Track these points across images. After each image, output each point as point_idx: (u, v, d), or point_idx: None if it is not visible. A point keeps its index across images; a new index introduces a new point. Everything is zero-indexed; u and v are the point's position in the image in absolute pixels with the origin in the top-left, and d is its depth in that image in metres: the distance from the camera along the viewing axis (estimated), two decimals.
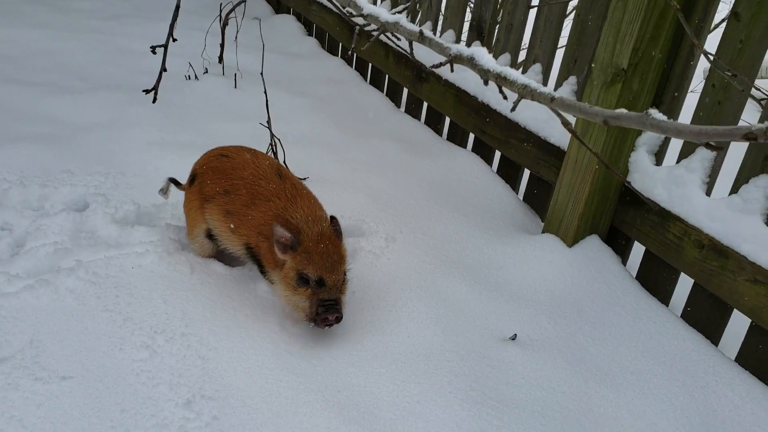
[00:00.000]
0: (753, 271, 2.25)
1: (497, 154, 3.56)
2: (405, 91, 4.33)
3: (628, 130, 2.61)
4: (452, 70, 1.23)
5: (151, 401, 1.87)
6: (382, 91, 4.49)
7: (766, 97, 1.98)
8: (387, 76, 4.41)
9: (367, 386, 2.05)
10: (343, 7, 1.47)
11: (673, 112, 2.60)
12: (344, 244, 2.23)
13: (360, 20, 3.59)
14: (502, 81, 1.09)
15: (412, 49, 1.46)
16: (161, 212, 2.72)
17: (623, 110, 0.95)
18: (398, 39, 1.91)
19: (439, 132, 3.99)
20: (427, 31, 1.32)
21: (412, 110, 4.21)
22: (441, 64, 1.23)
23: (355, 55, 4.80)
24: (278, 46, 5.13)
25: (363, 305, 2.40)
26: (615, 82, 2.51)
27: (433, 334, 2.33)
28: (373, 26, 1.69)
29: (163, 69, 1.83)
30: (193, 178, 2.44)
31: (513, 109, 1.15)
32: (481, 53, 1.15)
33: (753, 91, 4.90)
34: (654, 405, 2.18)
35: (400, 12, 1.41)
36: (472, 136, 3.71)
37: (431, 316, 2.40)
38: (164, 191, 2.56)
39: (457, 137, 3.82)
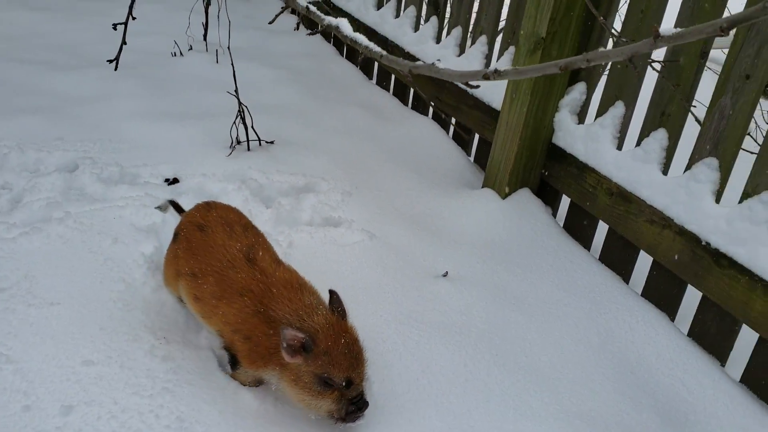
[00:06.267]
0: (650, 213, 2.59)
1: (453, 120, 3.89)
2: (376, 64, 4.65)
3: (550, 95, 2.93)
4: (331, 38, 1.50)
5: (125, 322, 2.25)
6: (357, 65, 4.82)
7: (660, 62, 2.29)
8: (360, 50, 4.73)
9: None
10: None
11: (592, 75, 2.93)
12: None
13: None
14: (353, 43, 1.43)
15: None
16: (142, 172, 3.08)
17: (420, 62, 1.29)
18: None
19: (405, 102, 4.32)
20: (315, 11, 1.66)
21: (383, 82, 4.54)
22: (317, 31, 1.57)
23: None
24: (262, 23, 5.46)
25: (313, 250, 2.75)
26: (536, 50, 2.83)
27: (374, 271, 2.68)
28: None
29: (124, 42, 2.16)
30: (175, 234, 2.27)
31: (358, 65, 1.49)
32: (343, 23, 1.49)
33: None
34: (560, 327, 2.53)
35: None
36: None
37: (373, 257, 2.75)
38: (163, 209, 2.69)
39: (420, 106, 4.15)
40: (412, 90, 4.24)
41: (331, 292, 2.03)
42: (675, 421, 2.23)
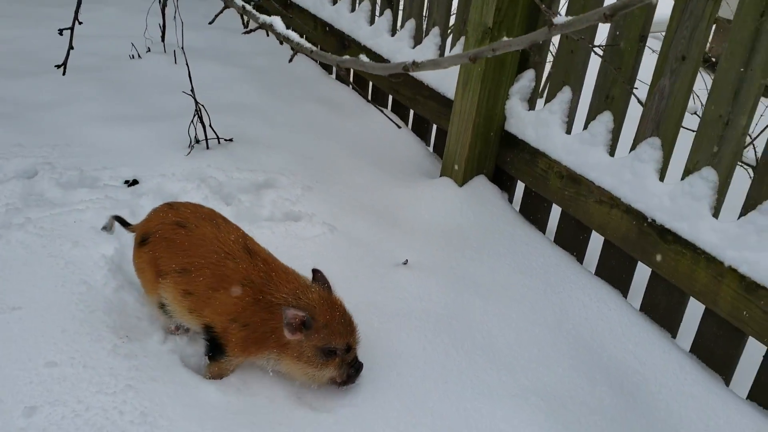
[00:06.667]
0: (598, 193, 2.68)
1: (411, 112, 3.95)
2: None
3: (500, 83, 3.00)
4: (267, 35, 1.55)
5: (88, 323, 2.27)
6: (315, 60, 4.86)
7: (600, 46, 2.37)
8: (318, 45, 4.78)
9: None
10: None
11: (539, 62, 3.00)
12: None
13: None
14: (286, 40, 1.48)
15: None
16: (101, 175, 3.10)
17: (347, 57, 1.34)
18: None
19: (364, 95, 4.37)
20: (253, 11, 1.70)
21: (342, 75, 4.58)
22: (253, 30, 1.61)
23: (291, 28, 5.16)
24: (220, 23, 5.44)
25: (274, 244, 2.79)
26: (484, 39, 2.90)
27: (335, 263, 2.73)
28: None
29: (71, 47, 2.19)
30: (144, 239, 2.23)
31: (290, 60, 1.54)
32: (277, 21, 1.53)
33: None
34: (516, 308, 2.61)
35: None
36: (391, 98, 4.10)
37: (334, 249, 2.81)
38: (108, 228, 2.44)
39: (379, 99, 4.21)
40: (371, 83, 4.29)
41: (315, 271, 2.18)
42: (627, 393, 2.32)
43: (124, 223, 2.41)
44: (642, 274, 2.68)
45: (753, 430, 2.15)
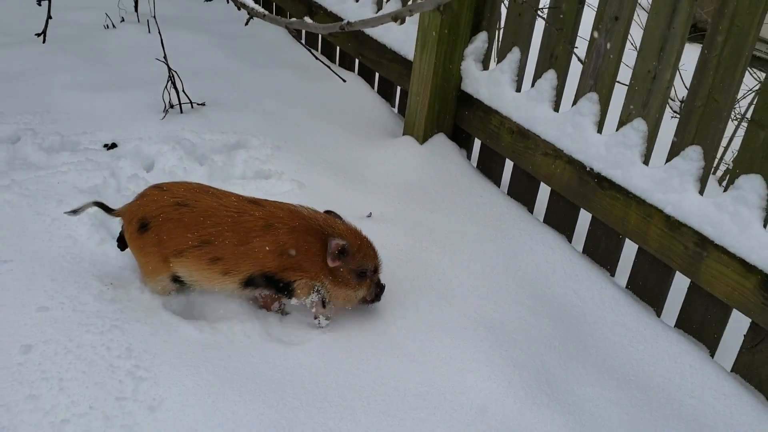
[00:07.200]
0: (544, 146, 2.90)
1: (377, 75, 4.14)
2: None
3: (455, 45, 3.20)
4: (228, 2, 1.71)
5: (75, 273, 2.48)
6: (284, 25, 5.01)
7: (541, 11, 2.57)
8: (288, 12, 4.93)
9: None
10: None
11: (491, 25, 3.21)
12: None
13: None
14: (242, 5, 1.67)
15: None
16: (81, 140, 3.27)
17: (294, 19, 1.54)
18: None
19: (332, 59, 4.55)
20: None
21: (311, 42, 4.75)
22: None
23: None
24: None
25: None
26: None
27: None
28: None
29: (49, 17, 2.35)
30: (143, 224, 2.28)
31: (246, 24, 1.74)
32: None
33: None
34: (469, 254, 2.84)
35: None
36: (357, 61, 4.28)
37: (303, 204, 3.01)
38: (78, 212, 2.40)
39: (346, 63, 4.39)
40: (338, 48, 4.47)
41: (327, 212, 2.43)
42: (567, 324, 2.57)
43: (107, 209, 2.40)
44: (587, 219, 2.93)
45: (675, 351, 2.42)
